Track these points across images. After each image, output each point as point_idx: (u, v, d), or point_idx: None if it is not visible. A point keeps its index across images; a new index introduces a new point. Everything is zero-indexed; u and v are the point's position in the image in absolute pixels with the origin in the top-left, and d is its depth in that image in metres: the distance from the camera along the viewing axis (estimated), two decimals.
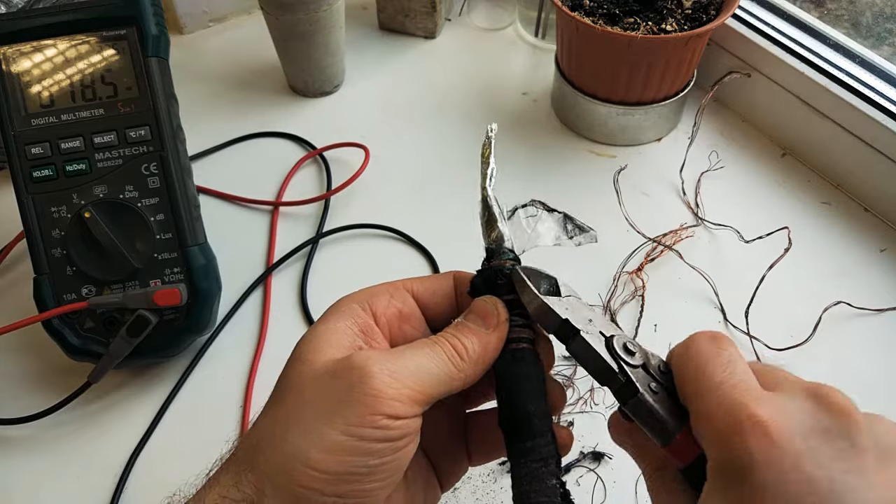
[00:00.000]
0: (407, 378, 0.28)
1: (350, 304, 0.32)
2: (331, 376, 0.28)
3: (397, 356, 0.29)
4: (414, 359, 0.29)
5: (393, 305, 0.32)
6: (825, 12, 0.68)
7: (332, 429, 0.26)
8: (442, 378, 0.29)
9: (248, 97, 0.76)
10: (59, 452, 0.49)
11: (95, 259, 0.49)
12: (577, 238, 0.35)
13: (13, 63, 0.50)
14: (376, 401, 0.27)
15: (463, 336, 0.30)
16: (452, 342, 0.30)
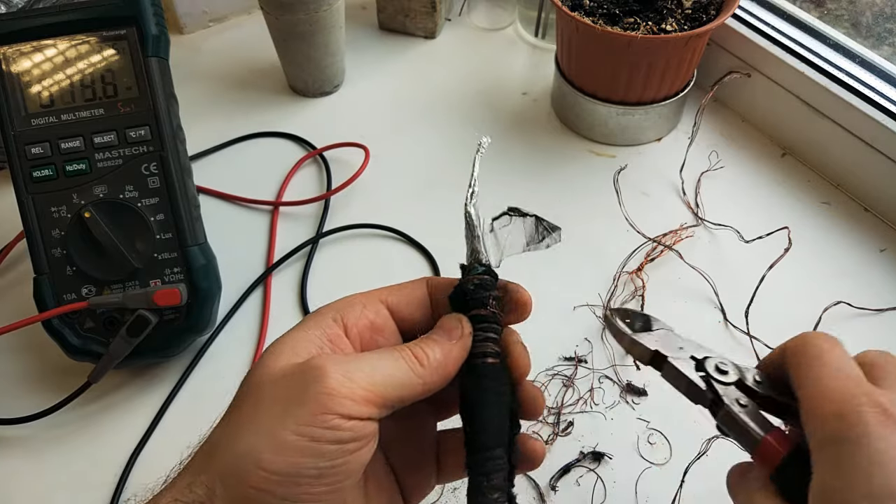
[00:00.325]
0: (362, 379, 0.28)
1: (321, 314, 0.31)
2: (287, 377, 0.28)
3: (355, 358, 0.29)
4: (371, 361, 0.29)
5: (365, 316, 0.32)
6: (825, 12, 0.68)
7: (284, 428, 0.26)
8: (399, 381, 0.29)
9: (248, 97, 0.76)
10: (59, 452, 0.49)
11: (95, 259, 0.49)
12: (546, 240, 0.35)
13: (13, 63, 0.50)
14: (329, 399, 0.26)
15: (425, 345, 0.30)
16: (414, 350, 0.30)
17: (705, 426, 0.48)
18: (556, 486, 0.47)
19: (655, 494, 0.46)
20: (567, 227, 0.35)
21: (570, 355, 0.53)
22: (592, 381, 0.52)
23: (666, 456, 0.48)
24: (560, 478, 0.47)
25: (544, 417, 0.50)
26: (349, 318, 0.32)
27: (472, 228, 0.34)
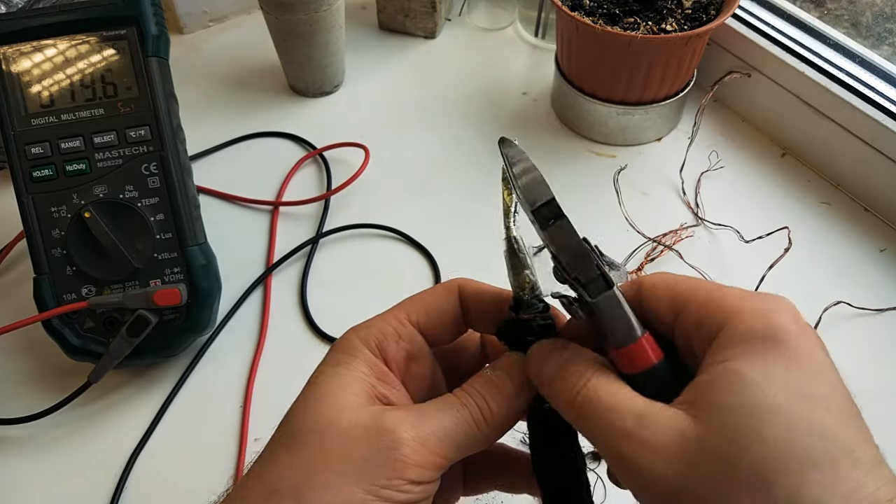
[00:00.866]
0: (434, 445, 0.28)
1: (360, 347, 0.31)
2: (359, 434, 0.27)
3: (425, 421, 0.28)
4: (441, 423, 0.29)
5: (402, 348, 0.31)
6: (825, 12, 0.68)
7: (357, 488, 0.26)
8: (466, 444, 0.29)
9: (248, 97, 0.76)
10: (59, 452, 0.49)
11: (95, 259, 0.49)
12: None
13: (13, 63, 0.50)
14: (404, 467, 0.27)
15: (490, 398, 0.30)
16: (479, 403, 0.29)
17: None
18: None
19: None
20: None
21: None
22: None
23: None
24: None
25: None
26: (388, 352, 0.31)
27: (520, 256, 0.31)
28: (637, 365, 0.27)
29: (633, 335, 0.27)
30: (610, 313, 0.27)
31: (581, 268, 0.28)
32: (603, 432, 0.26)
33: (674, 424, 0.25)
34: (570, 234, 0.28)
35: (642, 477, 0.25)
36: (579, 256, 0.28)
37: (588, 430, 0.27)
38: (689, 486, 0.24)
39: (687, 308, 0.27)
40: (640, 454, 0.25)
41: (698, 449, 0.24)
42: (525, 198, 0.29)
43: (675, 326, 0.28)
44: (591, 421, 0.27)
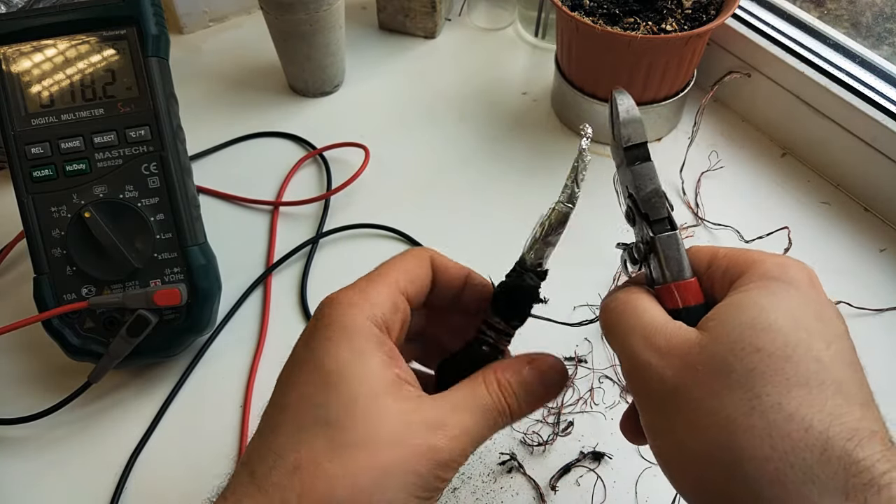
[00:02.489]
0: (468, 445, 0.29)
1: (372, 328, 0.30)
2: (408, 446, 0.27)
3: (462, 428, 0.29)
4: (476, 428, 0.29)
5: (398, 319, 0.32)
6: (825, 12, 0.68)
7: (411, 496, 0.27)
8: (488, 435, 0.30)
9: (248, 97, 0.76)
10: (59, 452, 0.50)
11: (95, 259, 0.49)
12: None
13: (13, 63, 0.50)
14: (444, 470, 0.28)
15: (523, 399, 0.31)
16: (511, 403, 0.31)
17: None
18: (556, 486, 0.47)
19: (655, 494, 0.46)
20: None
21: (570, 355, 0.53)
22: (592, 381, 0.52)
23: None
24: (560, 478, 0.47)
25: (544, 417, 0.50)
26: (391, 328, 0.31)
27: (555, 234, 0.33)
28: (681, 300, 0.30)
29: (684, 274, 0.31)
30: (669, 250, 0.31)
31: (653, 208, 0.32)
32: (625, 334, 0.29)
33: (683, 334, 0.28)
34: (651, 176, 0.32)
35: (646, 378, 0.28)
36: (654, 197, 0.32)
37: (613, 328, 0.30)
38: (685, 386, 0.27)
39: (717, 259, 0.31)
40: (650, 356, 0.28)
41: (700, 353, 0.27)
42: (621, 134, 0.33)
43: (706, 275, 0.31)
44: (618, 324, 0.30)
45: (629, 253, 0.33)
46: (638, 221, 0.32)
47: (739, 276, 0.29)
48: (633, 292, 0.31)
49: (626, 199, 0.33)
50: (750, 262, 0.29)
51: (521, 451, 0.48)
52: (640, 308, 0.30)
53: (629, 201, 0.33)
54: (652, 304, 0.30)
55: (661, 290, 0.31)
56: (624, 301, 0.31)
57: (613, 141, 0.34)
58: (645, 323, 0.29)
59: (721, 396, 0.26)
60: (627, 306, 0.30)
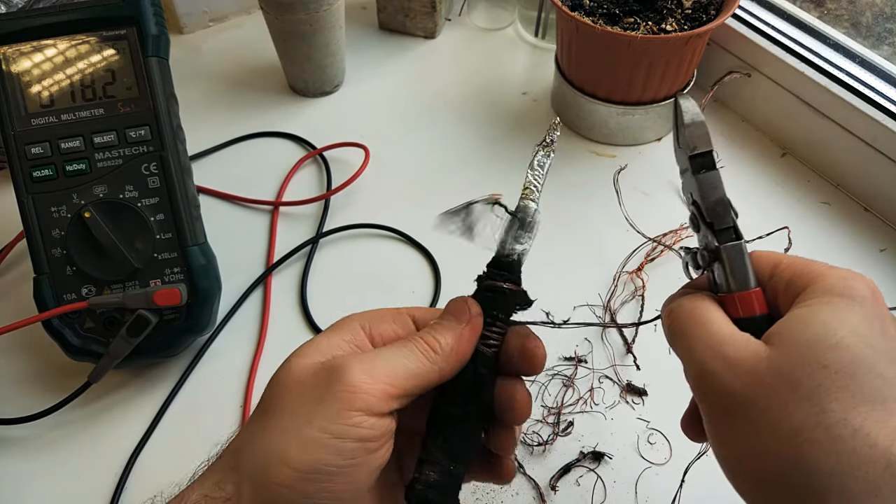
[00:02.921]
0: (381, 373, 0.29)
1: (351, 321, 0.33)
2: (311, 377, 0.29)
3: (373, 354, 0.30)
4: (388, 355, 0.30)
5: (392, 329, 0.33)
6: (825, 12, 0.68)
7: (310, 426, 0.28)
8: (416, 371, 0.30)
9: (248, 97, 0.76)
10: (59, 452, 0.50)
11: (95, 259, 0.49)
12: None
13: (13, 63, 0.50)
14: (352, 396, 0.28)
15: (436, 332, 0.32)
16: (426, 338, 0.31)
17: None
18: (556, 486, 0.47)
19: (655, 494, 0.46)
20: (567, 227, 0.35)
21: (570, 355, 0.53)
22: (592, 381, 0.52)
23: (666, 456, 0.48)
24: (560, 478, 0.47)
25: (544, 417, 0.50)
26: (376, 329, 0.33)
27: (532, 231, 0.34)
28: (745, 310, 0.31)
29: (749, 284, 0.31)
30: (734, 260, 0.32)
31: (718, 217, 0.32)
32: (692, 342, 0.30)
33: (751, 346, 0.29)
34: (717, 185, 0.32)
35: (714, 386, 0.29)
36: (719, 206, 0.32)
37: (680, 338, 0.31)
38: (753, 398, 0.27)
39: (780, 270, 0.31)
40: (717, 365, 0.29)
41: (768, 367, 0.27)
42: (687, 143, 0.32)
43: (769, 284, 0.31)
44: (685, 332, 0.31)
45: (693, 258, 0.34)
46: (703, 229, 0.33)
47: (803, 289, 0.29)
48: (699, 299, 0.32)
49: (691, 206, 0.34)
50: (814, 276, 0.30)
51: (521, 451, 0.48)
52: (707, 317, 0.31)
53: (693, 208, 0.33)
54: (718, 313, 0.31)
55: (725, 299, 0.32)
56: (690, 308, 0.31)
57: (678, 147, 0.34)
58: (712, 332, 0.30)
59: (788, 410, 0.27)
60: (694, 314, 0.31)
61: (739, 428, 0.28)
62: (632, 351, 0.53)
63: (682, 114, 0.33)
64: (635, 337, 0.54)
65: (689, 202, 0.34)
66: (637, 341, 0.54)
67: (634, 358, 0.53)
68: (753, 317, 0.31)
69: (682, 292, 0.34)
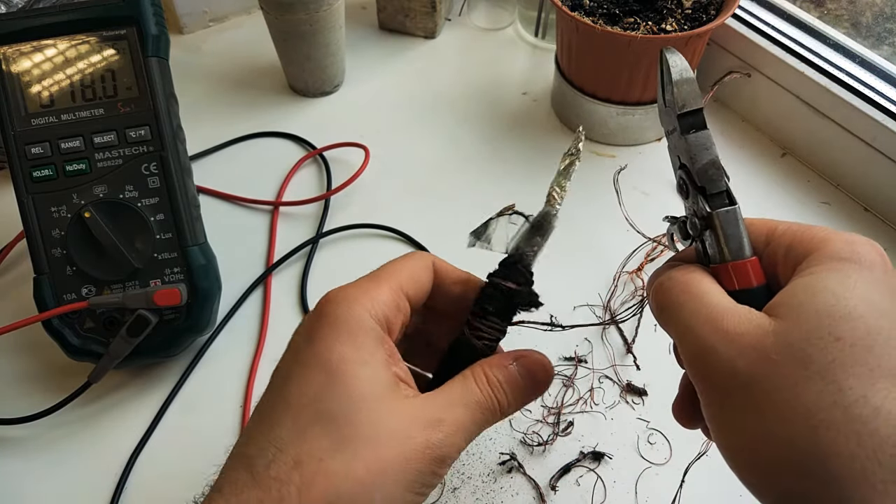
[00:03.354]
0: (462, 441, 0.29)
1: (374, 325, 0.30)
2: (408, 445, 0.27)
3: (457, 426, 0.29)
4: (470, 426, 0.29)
5: (399, 320, 0.32)
6: (825, 12, 0.68)
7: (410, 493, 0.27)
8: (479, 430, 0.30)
9: (248, 97, 0.76)
10: (59, 452, 0.49)
11: (95, 259, 0.49)
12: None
13: (13, 63, 0.50)
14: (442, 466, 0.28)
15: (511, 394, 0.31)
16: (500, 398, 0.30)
17: None
18: (556, 486, 0.47)
19: (655, 494, 0.46)
20: (567, 227, 0.35)
21: (570, 355, 0.53)
22: (592, 381, 0.52)
23: (666, 456, 0.48)
24: (560, 478, 0.47)
25: (544, 417, 0.50)
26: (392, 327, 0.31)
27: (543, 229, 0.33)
28: (740, 281, 0.28)
29: (744, 253, 0.28)
30: (728, 226, 0.29)
31: (710, 180, 0.29)
32: (687, 317, 0.27)
33: (754, 320, 0.26)
34: (709, 146, 0.30)
35: (713, 365, 0.26)
36: (711, 168, 0.29)
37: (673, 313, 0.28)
38: (758, 377, 0.25)
39: (778, 235, 0.29)
40: (716, 341, 0.26)
41: (774, 341, 0.25)
42: (676, 100, 0.30)
43: (765, 253, 0.29)
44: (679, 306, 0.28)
45: (680, 227, 0.31)
46: (692, 194, 0.30)
47: (805, 256, 0.27)
48: (690, 271, 0.29)
49: (679, 170, 0.31)
50: (816, 241, 0.27)
51: (521, 451, 0.48)
52: (701, 289, 0.28)
53: (682, 172, 0.30)
54: (712, 284, 0.28)
55: (718, 270, 0.29)
56: (683, 281, 0.29)
57: (664, 106, 0.31)
58: (709, 305, 0.27)
59: (798, 389, 0.24)
60: (688, 287, 0.28)
61: (744, 411, 0.25)
62: (632, 351, 0.53)
63: (670, 69, 0.30)
64: (635, 337, 0.54)
65: (677, 166, 0.31)
66: (637, 341, 0.54)
67: (634, 358, 0.53)
68: (750, 288, 0.28)
69: (668, 265, 0.31)
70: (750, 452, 0.26)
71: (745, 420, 0.25)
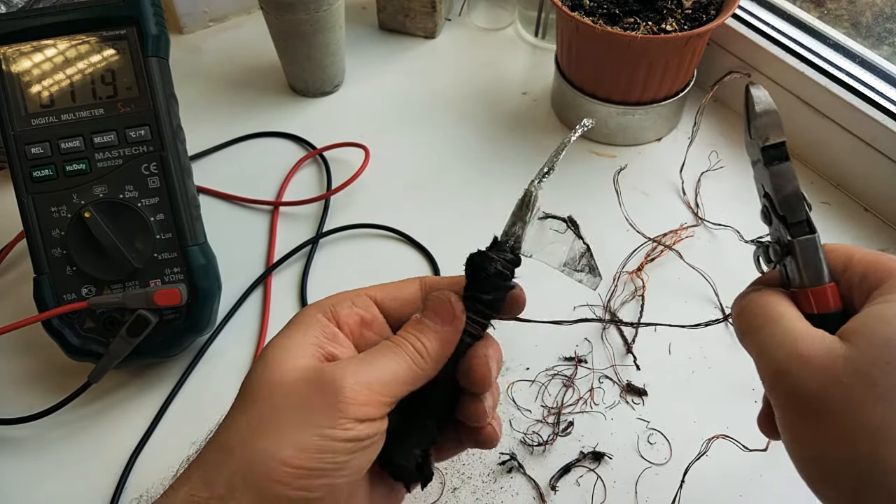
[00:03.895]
0: (375, 384, 0.30)
1: (314, 313, 0.33)
2: (303, 386, 0.29)
3: (365, 365, 0.30)
4: (380, 364, 0.30)
5: (355, 313, 0.33)
6: (825, 12, 0.68)
7: (305, 432, 0.28)
8: (405, 378, 0.31)
9: (248, 97, 0.76)
10: (59, 452, 0.50)
11: (95, 259, 0.49)
12: (583, 277, 0.35)
13: (13, 63, 0.50)
14: (348, 407, 0.29)
15: (423, 336, 0.32)
16: (414, 343, 0.31)
17: (705, 426, 0.49)
18: (556, 486, 0.47)
19: (655, 494, 0.46)
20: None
21: (570, 355, 0.53)
22: (592, 381, 0.52)
23: (666, 456, 0.48)
24: (560, 478, 0.47)
25: (544, 417, 0.50)
26: (340, 314, 0.33)
27: (527, 211, 0.34)
28: (818, 306, 0.30)
29: (822, 279, 0.30)
30: (807, 254, 0.31)
31: (791, 210, 0.31)
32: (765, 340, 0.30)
33: (827, 344, 0.28)
34: (790, 177, 0.32)
35: (789, 385, 0.28)
36: (793, 199, 0.31)
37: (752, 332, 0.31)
38: (828, 398, 0.27)
39: (855, 263, 0.31)
40: (792, 364, 0.28)
41: (844, 365, 0.27)
42: (759, 134, 0.32)
43: (842, 280, 0.31)
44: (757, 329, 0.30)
45: (764, 252, 0.33)
46: (775, 222, 0.32)
47: (879, 285, 0.29)
48: (770, 295, 0.31)
49: (763, 199, 0.33)
50: (890, 270, 0.29)
51: (521, 451, 0.48)
52: (779, 312, 0.30)
53: (765, 200, 0.32)
54: (790, 308, 0.30)
55: (797, 294, 0.31)
56: (761, 304, 0.31)
57: (749, 138, 0.33)
58: (786, 329, 0.29)
59: (865, 409, 0.26)
60: (766, 310, 0.31)
61: (815, 428, 0.28)
62: (632, 351, 0.53)
63: (755, 103, 0.32)
64: (635, 337, 0.54)
65: (762, 194, 0.33)
66: (637, 341, 0.54)
67: (634, 358, 0.53)
68: (827, 313, 0.30)
69: (752, 288, 0.33)
70: (818, 464, 0.28)
71: (816, 435, 0.28)
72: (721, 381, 0.52)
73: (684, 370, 0.52)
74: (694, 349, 0.54)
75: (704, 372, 0.52)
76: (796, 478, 0.30)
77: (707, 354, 0.53)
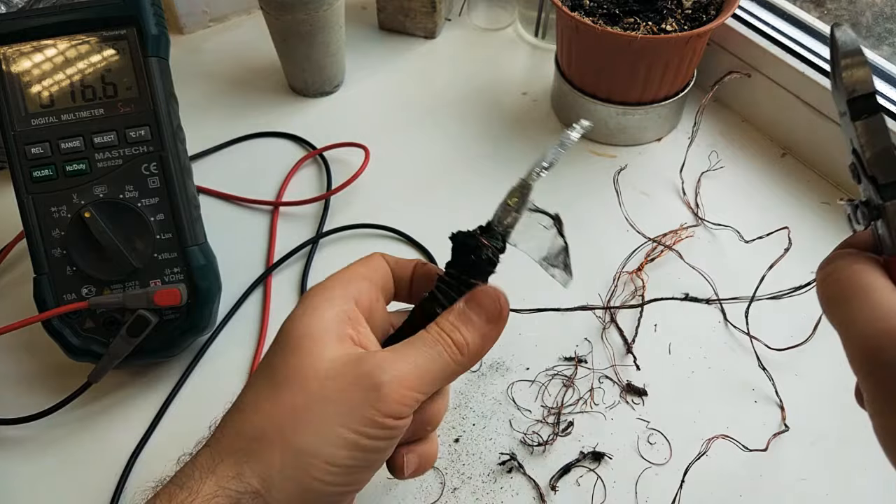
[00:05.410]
0: (413, 382, 0.30)
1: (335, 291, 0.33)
2: (339, 377, 0.29)
3: (402, 361, 0.30)
4: (417, 361, 0.30)
5: (369, 297, 0.34)
6: (825, 12, 0.68)
7: (344, 429, 0.28)
8: (443, 376, 0.31)
9: (248, 97, 0.76)
10: (59, 452, 0.50)
11: (95, 259, 0.49)
12: (556, 273, 0.36)
13: (13, 63, 0.50)
14: (385, 406, 0.29)
15: (465, 330, 0.32)
16: (455, 338, 0.31)
17: (705, 426, 0.49)
18: (556, 486, 0.47)
19: (655, 494, 0.46)
20: (567, 228, 0.35)
21: (570, 355, 0.53)
22: (592, 381, 0.52)
23: (666, 456, 0.48)
24: (560, 478, 0.47)
25: (544, 417, 0.50)
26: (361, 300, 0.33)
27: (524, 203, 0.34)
28: None
29: None
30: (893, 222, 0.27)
31: (882, 168, 0.28)
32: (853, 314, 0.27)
33: None
34: (881, 132, 0.28)
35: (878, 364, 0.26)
36: (884, 156, 0.28)
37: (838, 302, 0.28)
38: None
39: None
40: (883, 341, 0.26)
41: None
42: (845, 85, 0.28)
43: None
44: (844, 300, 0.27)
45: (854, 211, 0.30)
46: (864, 181, 0.29)
47: None
48: (860, 262, 0.29)
49: (851, 154, 0.29)
50: None
51: (521, 451, 0.48)
52: (869, 283, 0.27)
53: (853, 157, 0.29)
54: (881, 279, 0.28)
55: (890, 262, 0.28)
56: (850, 273, 0.28)
57: (835, 87, 0.29)
58: (876, 303, 0.27)
59: None
60: (854, 279, 0.28)
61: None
62: (632, 351, 0.53)
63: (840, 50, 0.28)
64: (635, 337, 0.54)
65: (849, 150, 0.30)
66: (637, 341, 0.54)
67: (634, 358, 0.53)
68: None
69: (839, 253, 0.30)
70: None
71: None
72: (721, 381, 0.52)
73: (684, 370, 0.52)
74: (694, 349, 0.54)
75: (704, 372, 0.52)
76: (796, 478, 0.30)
77: (707, 354, 0.53)
